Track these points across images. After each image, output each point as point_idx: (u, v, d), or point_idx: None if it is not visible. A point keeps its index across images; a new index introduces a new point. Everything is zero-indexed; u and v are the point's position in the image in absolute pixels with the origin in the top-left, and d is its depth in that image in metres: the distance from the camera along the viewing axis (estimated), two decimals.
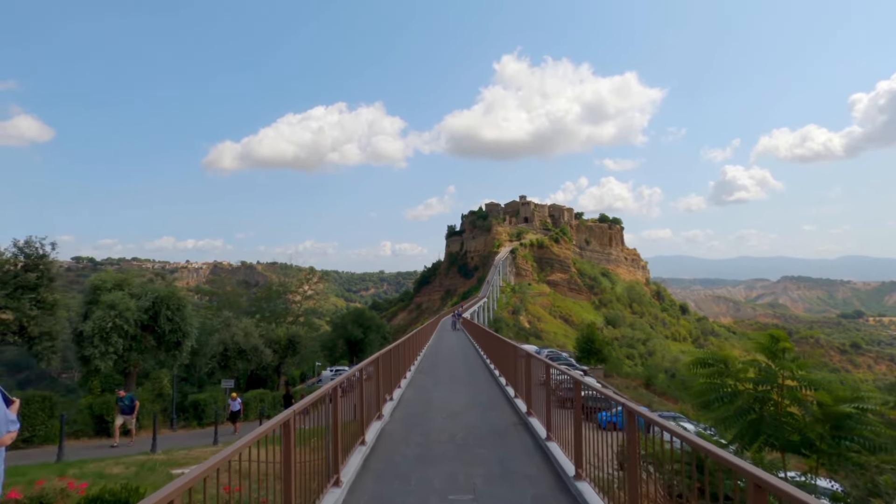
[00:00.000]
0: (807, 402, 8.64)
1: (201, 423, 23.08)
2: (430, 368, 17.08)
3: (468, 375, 15.57)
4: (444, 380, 14.30)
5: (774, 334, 9.05)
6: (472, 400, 11.18)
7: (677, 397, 43.14)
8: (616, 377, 49.98)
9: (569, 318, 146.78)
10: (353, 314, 68.90)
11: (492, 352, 18.34)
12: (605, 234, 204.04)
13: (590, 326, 56.81)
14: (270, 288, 54.52)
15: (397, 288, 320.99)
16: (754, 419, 8.72)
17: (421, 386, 13.27)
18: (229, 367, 28.09)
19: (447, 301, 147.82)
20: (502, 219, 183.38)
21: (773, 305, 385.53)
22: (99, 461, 11.07)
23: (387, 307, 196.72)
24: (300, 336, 35.29)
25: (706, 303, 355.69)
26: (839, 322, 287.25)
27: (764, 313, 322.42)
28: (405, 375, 14.12)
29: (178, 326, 23.38)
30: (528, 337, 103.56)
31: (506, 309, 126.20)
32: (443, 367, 17.50)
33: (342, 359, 63.64)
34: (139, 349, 22.44)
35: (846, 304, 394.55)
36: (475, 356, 21.56)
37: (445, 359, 20.45)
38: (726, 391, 8.75)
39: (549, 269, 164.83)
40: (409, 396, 11.58)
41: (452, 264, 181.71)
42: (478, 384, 13.67)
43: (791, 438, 8.42)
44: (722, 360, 9.22)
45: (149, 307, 22.70)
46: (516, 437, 7.85)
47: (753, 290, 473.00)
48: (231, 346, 28.10)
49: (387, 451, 7.19)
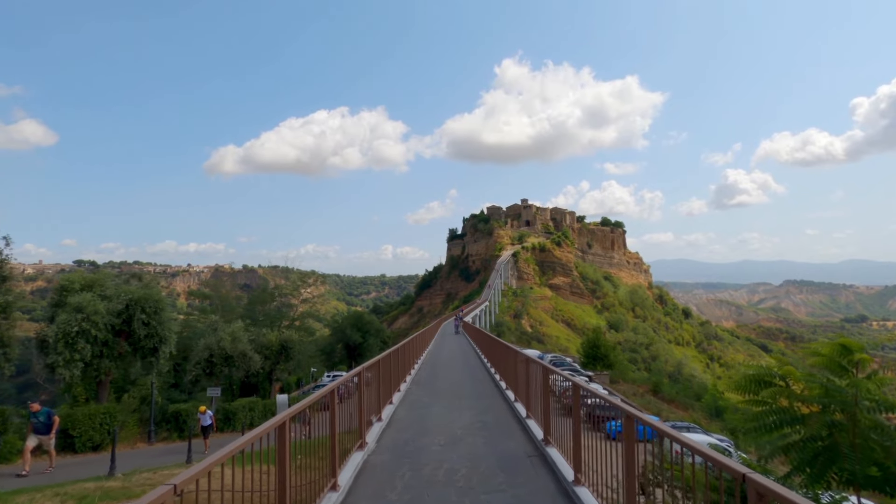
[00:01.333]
0: (890, 428, 7.04)
1: (182, 435, 21.39)
2: (428, 379, 15.45)
3: (471, 388, 13.93)
4: (444, 394, 12.66)
5: (846, 343, 7.41)
6: (475, 420, 9.54)
7: (686, 405, 41.45)
8: (622, 383, 48.29)
9: (571, 322, 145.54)
10: (351, 318, 67.37)
11: (497, 361, 16.75)
12: (607, 237, 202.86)
13: (595, 330, 54.97)
14: (264, 290, 52.50)
15: (399, 292, 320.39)
16: (825, 447, 7.11)
17: (416, 401, 11.64)
18: (215, 374, 26.31)
19: (448, 305, 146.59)
20: (504, 222, 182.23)
21: (775, 310, 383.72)
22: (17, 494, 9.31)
23: (388, 311, 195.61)
24: (293, 341, 33.50)
25: (708, 307, 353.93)
26: (843, 326, 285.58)
27: (767, 317, 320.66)
28: (399, 388, 12.50)
29: (154, 331, 21.60)
30: (531, 341, 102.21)
31: (508, 313, 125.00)
32: (442, 379, 15.82)
33: (340, 363, 62.09)
34: (111, 356, 20.69)
35: (849, 309, 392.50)
36: (479, 366, 19.88)
37: (446, 368, 18.75)
38: (790, 415, 7.13)
39: (551, 273, 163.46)
40: (401, 416, 9.95)
41: (454, 268, 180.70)
42: (482, 399, 12.03)
43: (869, 472, 6.83)
44: (782, 377, 7.58)
45: (122, 310, 20.96)
46: (533, 477, 6.20)
47: (756, 294, 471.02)
48: (217, 352, 26.29)
49: (367, 496, 5.56)
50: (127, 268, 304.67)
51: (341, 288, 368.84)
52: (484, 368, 18.84)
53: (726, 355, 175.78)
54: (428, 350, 26.18)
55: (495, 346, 18.99)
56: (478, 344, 28.99)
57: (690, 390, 47.09)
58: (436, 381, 15.04)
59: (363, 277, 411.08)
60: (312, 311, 55.28)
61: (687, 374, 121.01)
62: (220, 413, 24.37)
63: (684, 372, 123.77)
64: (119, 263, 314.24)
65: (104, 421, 18.68)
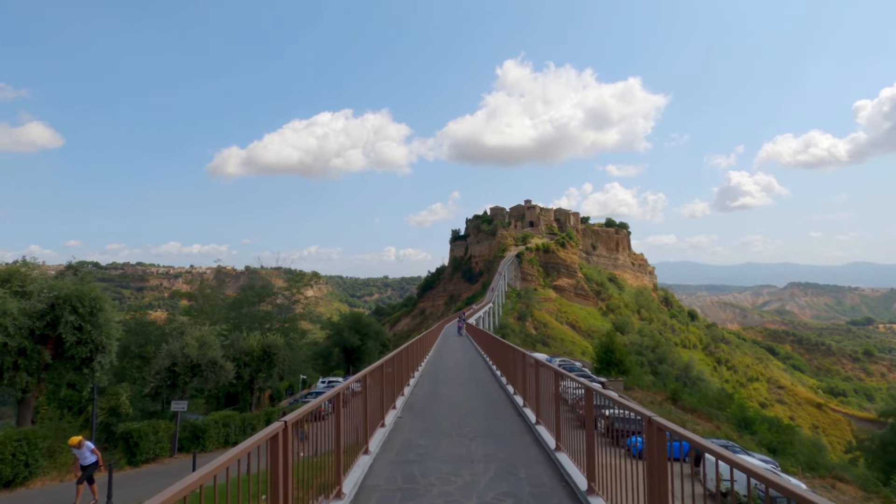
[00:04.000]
0: None
1: (134, 461, 17.82)
2: (426, 403, 11.93)
3: (483, 415, 10.42)
4: (448, 430, 9.08)
5: None
6: (496, 486, 6.06)
7: (710, 415, 37.89)
8: (637, 390, 44.78)
9: (575, 324, 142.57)
10: (349, 320, 64.04)
11: (510, 371, 13.33)
12: (611, 238, 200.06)
13: (609, 334, 51.24)
14: (250, 290, 48.43)
15: (401, 293, 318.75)
16: None
17: (409, 444, 8.14)
18: (178, 385, 22.56)
19: (451, 306, 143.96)
20: (507, 223, 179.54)
21: (780, 312, 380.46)
22: None
23: (390, 312, 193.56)
24: (277, 346, 29.78)
25: (712, 309, 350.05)
26: (849, 329, 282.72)
27: (772, 320, 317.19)
28: (384, 420, 9.02)
29: (88, 337, 17.65)
30: (535, 344, 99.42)
31: (511, 315, 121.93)
32: (445, 402, 12.05)
33: (338, 368, 58.64)
34: (30, 368, 16.92)
35: (854, 311, 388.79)
36: (490, 379, 16.28)
37: (450, 384, 15.05)
38: None
39: (555, 275, 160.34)
40: (378, 481, 6.42)
41: (457, 269, 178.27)
42: (501, 439, 8.48)
43: None
44: None
45: (45, 311, 17.12)
46: None
47: (760, 297, 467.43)
48: (181, 361, 22.45)
49: None
50: (130, 269, 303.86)
51: (344, 290, 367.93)
52: (496, 381, 15.38)
53: (734, 358, 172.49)
54: (429, 357, 22.73)
55: (504, 352, 15.51)
56: (484, 348, 25.53)
57: (711, 398, 43.37)
58: (436, 406, 11.50)
59: (366, 279, 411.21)
60: (306, 312, 51.51)
61: (695, 377, 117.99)
62: (185, 430, 20.88)
63: (692, 375, 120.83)
64: (122, 264, 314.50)
65: (18, 450, 14.92)
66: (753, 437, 32.22)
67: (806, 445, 34.38)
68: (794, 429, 39.39)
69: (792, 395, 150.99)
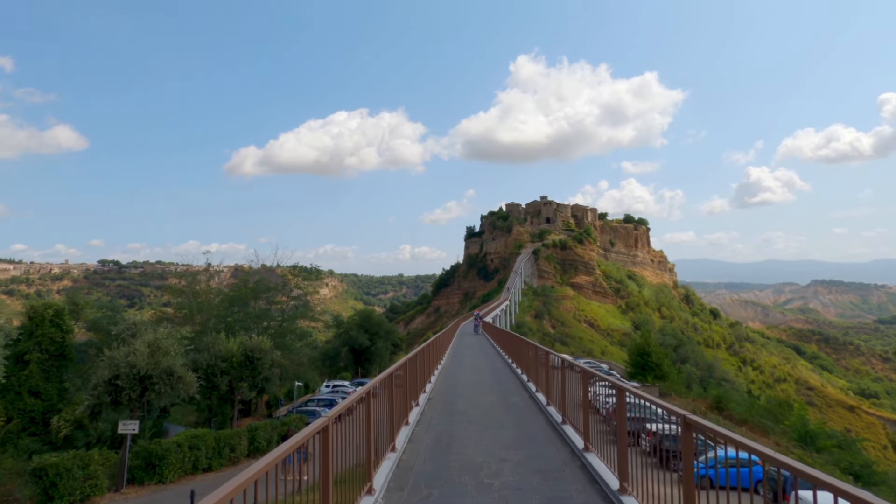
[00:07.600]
0: None
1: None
2: (437, 439, 7.85)
3: (525, 466, 6.26)
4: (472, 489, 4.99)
5: None
6: None
7: (764, 427, 33.26)
8: (675, 397, 40.33)
9: (594, 322, 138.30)
10: (358, 318, 60.35)
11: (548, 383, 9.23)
12: (630, 235, 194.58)
13: (645, 334, 46.42)
14: (245, 287, 44.04)
15: (416, 291, 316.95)
16: None
17: None
18: (122, 402, 18.51)
19: (466, 304, 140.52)
20: (523, 219, 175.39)
21: (803, 310, 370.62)
22: None
23: (405, 311, 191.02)
24: (262, 349, 25.71)
25: (733, 307, 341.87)
26: (877, 328, 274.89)
27: (795, 318, 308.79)
28: (371, 483, 4.97)
29: None
30: (554, 343, 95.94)
31: (528, 313, 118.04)
32: (461, 445, 7.83)
33: (345, 370, 54.91)
34: None
35: (881, 310, 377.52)
36: (526, 402, 11.94)
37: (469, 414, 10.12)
38: None
39: (572, 272, 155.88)
40: None
41: (472, 266, 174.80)
42: None
43: None
44: None
45: None
46: None
47: (782, 295, 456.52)
48: (125, 372, 18.27)
49: None
50: (150, 267, 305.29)
51: (359, 288, 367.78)
52: (533, 402, 11.29)
53: (759, 358, 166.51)
54: (442, 365, 18.70)
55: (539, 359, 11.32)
56: (508, 353, 21.44)
57: (761, 407, 38.48)
58: (452, 447, 7.34)
59: (381, 277, 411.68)
60: (305, 310, 47.42)
61: (720, 378, 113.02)
62: (138, 457, 16.95)
63: (716, 375, 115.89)
64: (142, 263, 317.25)
65: None
66: (819, 454, 27.67)
67: None
68: (861, 444, 34.54)
69: (822, 396, 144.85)
